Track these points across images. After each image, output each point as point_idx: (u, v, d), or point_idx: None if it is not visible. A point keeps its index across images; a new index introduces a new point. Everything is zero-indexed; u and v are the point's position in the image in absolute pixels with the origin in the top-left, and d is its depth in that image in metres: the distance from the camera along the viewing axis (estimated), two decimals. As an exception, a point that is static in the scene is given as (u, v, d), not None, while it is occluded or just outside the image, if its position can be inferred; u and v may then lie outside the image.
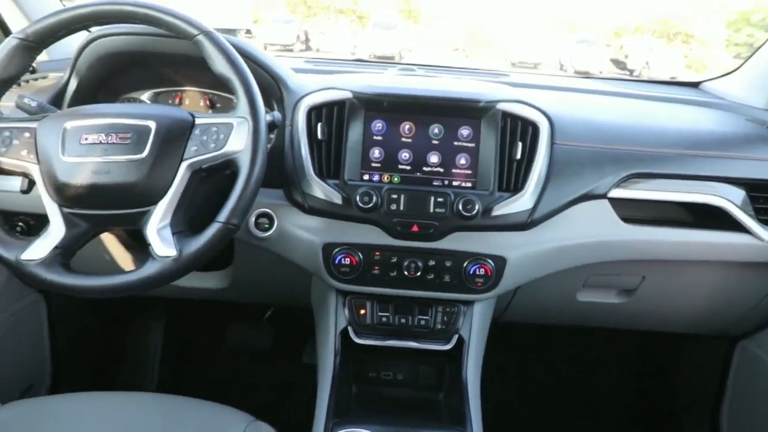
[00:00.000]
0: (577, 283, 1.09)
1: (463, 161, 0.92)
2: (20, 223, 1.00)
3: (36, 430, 0.80)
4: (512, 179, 0.92)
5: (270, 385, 1.56)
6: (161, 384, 1.52)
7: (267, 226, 0.95)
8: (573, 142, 0.95)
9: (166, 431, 0.82)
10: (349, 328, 1.00)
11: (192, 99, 1.05)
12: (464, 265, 0.94)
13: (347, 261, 0.93)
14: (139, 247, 1.07)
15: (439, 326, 0.99)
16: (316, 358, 1.10)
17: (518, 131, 0.92)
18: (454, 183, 0.92)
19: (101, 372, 1.50)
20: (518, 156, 0.91)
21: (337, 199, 0.90)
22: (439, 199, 0.89)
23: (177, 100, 1.05)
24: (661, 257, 1.01)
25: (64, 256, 0.75)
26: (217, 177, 0.83)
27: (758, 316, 1.17)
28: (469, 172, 0.92)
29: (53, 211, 0.75)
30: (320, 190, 0.90)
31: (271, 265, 1.03)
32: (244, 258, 1.06)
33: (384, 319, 0.99)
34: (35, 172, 0.75)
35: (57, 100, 0.94)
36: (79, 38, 0.93)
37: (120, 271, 0.87)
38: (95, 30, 0.92)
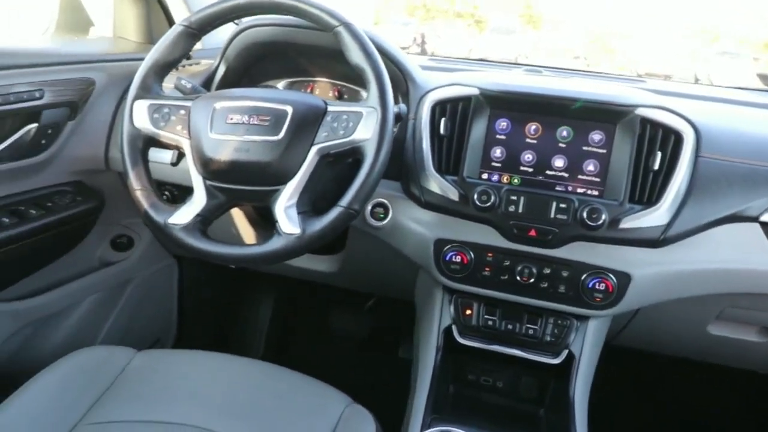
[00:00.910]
0: (710, 313, 0.98)
1: (591, 167, 0.87)
2: (166, 192, 1.12)
3: (163, 376, 0.89)
4: (646, 191, 0.85)
5: (363, 372, 1.60)
6: (266, 354, 1.63)
7: (382, 215, 0.97)
8: (722, 156, 0.86)
9: (270, 398, 0.86)
10: (453, 327, 0.99)
11: (322, 89, 1.11)
12: (583, 277, 0.89)
13: (458, 259, 0.92)
14: (262, 224, 1.14)
15: (548, 338, 0.95)
16: (412, 353, 1.10)
17: (658, 140, 0.85)
18: (579, 190, 0.87)
19: (216, 335, 1.64)
20: (656, 166, 0.84)
21: (453, 195, 0.89)
22: (562, 205, 0.85)
23: (308, 90, 1.11)
24: None
25: (203, 223, 0.81)
26: (340, 164, 0.86)
27: None
28: (597, 179, 0.87)
29: (198, 182, 0.81)
30: (438, 185, 0.90)
31: (380, 254, 1.05)
32: (356, 245, 1.10)
33: (490, 323, 0.97)
34: (186, 146, 0.82)
35: (207, 84, 1.04)
36: (228, 30, 1.02)
37: (244, 244, 0.94)
38: (244, 21, 1.00)
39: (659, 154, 0.84)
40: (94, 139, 1.08)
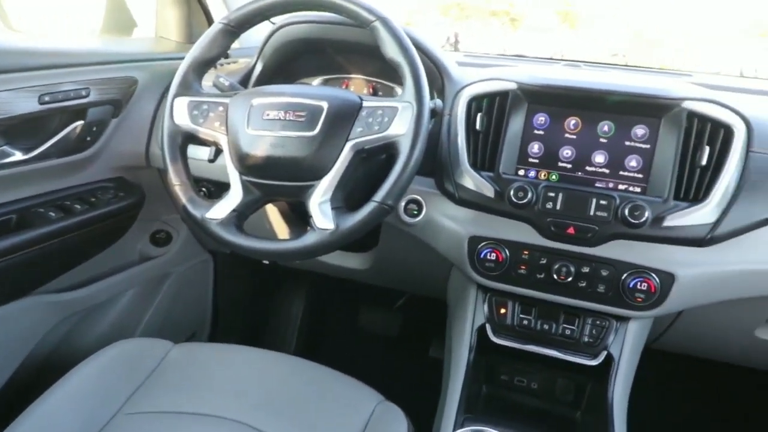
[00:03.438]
0: (760, 316, 0.93)
1: (633, 163, 0.84)
2: (203, 189, 1.14)
3: (199, 369, 0.90)
4: (693, 188, 0.81)
5: (394, 370, 1.60)
6: (297, 350, 1.64)
7: (416, 212, 0.96)
8: None
9: (303, 393, 0.87)
10: (487, 326, 0.97)
11: (357, 86, 1.11)
12: (623, 277, 0.86)
13: (493, 256, 0.91)
14: (295, 220, 1.15)
15: (586, 339, 0.92)
16: (443, 353, 1.09)
17: (706, 134, 0.81)
18: (621, 186, 0.85)
19: (249, 330, 1.67)
20: (703, 162, 0.80)
21: (489, 192, 0.88)
22: (602, 202, 0.83)
23: (344, 86, 1.11)
24: None
25: (238, 218, 0.82)
26: (374, 160, 0.86)
27: None
28: (640, 175, 0.84)
29: (234, 178, 0.82)
30: (473, 181, 0.89)
31: (413, 252, 1.05)
32: (388, 242, 1.09)
33: (525, 322, 0.95)
34: (223, 142, 0.82)
35: (244, 81, 1.05)
36: (265, 29, 1.03)
37: (278, 239, 0.95)
38: (281, 19, 1.01)
39: (707, 149, 0.81)
40: (136, 136, 1.12)
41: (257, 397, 0.85)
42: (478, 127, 0.90)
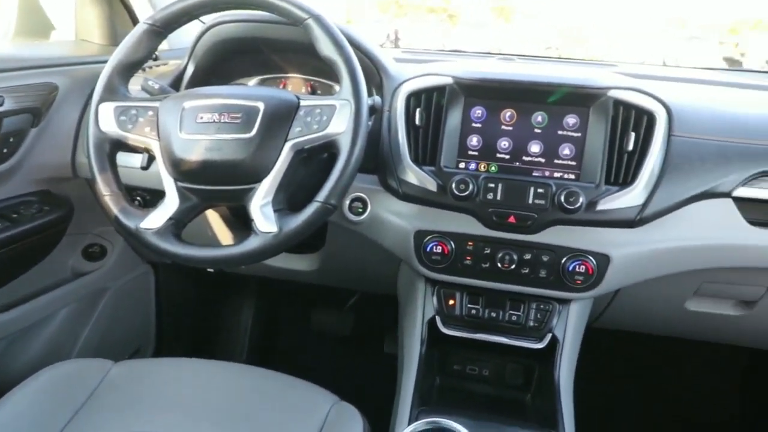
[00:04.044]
0: (688, 290, 0.99)
1: (567, 151, 0.87)
2: (138, 198, 1.09)
3: (143, 386, 0.86)
4: (621, 172, 0.85)
5: (349, 370, 1.59)
6: (249, 357, 1.61)
7: (360, 210, 0.96)
8: (694, 134, 0.87)
9: (254, 401, 0.85)
10: (437, 318, 0.98)
11: (295, 85, 1.09)
12: (563, 261, 0.89)
13: (438, 249, 0.92)
14: (238, 224, 1.12)
15: (532, 323, 0.95)
16: (397, 348, 1.10)
17: (631, 121, 0.85)
18: (556, 174, 0.88)
19: (198, 342, 1.61)
20: (630, 147, 0.85)
21: (431, 186, 0.89)
22: (540, 190, 0.85)
23: (281, 86, 1.09)
24: None
25: (176, 227, 0.79)
26: (315, 159, 0.85)
27: None
28: (573, 163, 0.87)
29: (169, 185, 0.79)
30: (415, 176, 0.90)
31: (360, 250, 1.04)
32: (335, 242, 1.08)
33: (473, 312, 0.97)
34: (156, 147, 0.79)
35: (176, 84, 1.01)
36: (195, 28, 0.99)
37: (219, 245, 0.92)
38: (212, 18, 0.98)
39: (633, 135, 0.85)
40: (60, 146, 1.05)
41: (206, 410, 0.82)
42: (417, 122, 0.90)
